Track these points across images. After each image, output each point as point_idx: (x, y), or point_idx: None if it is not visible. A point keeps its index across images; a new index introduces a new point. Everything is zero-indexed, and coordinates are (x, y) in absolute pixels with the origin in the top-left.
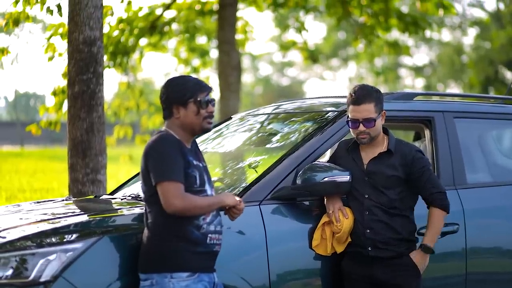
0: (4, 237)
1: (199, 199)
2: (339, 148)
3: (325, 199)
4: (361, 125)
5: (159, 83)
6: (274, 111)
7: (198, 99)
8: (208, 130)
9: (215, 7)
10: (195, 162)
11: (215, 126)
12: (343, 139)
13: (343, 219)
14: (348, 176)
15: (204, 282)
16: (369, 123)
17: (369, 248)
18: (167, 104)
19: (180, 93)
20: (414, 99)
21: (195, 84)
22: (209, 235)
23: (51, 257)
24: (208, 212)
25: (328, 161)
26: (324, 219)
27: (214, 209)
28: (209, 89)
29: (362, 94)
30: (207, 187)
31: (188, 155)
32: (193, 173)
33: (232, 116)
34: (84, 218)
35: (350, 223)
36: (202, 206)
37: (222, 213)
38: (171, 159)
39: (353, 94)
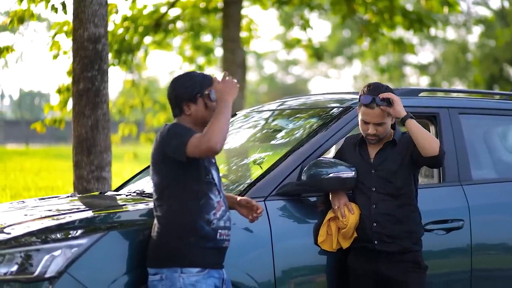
0: (9, 233)
1: (213, 124)
2: (345, 144)
3: (331, 195)
4: (371, 127)
5: (164, 81)
6: (278, 108)
7: (207, 92)
8: None
9: (220, 5)
10: (213, 160)
11: None
12: (349, 135)
13: (348, 214)
14: (354, 172)
15: (214, 279)
16: (380, 126)
17: (375, 242)
18: (177, 102)
19: (188, 89)
20: (419, 95)
21: (202, 79)
22: (219, 230)
23: (56, 253)
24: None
25: (333, 157)
26: (330, 215)
27: (228, 113)
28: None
29: (375, 97)
30: (216, 180)
31: None
32: (206, 165)
33: (237, 113)
34: (89, 214)
35: (356, 218)
36: (222, 122)
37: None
38: (185, 133)
39: (367, 97)
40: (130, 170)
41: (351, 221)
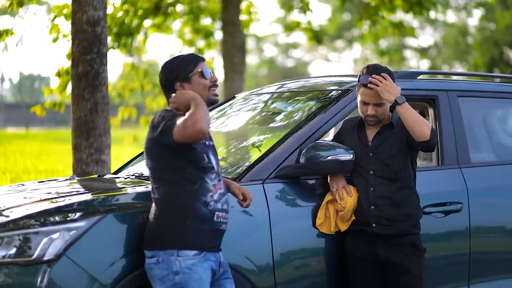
0: (8, 216)
1: (197, 109)
2: (343, 127)
3: (329, 178)
4: (370, 108)
5: None
6: (277, 90)
7: (200, 70)
8: (216, 102)
9: None
10: (203, 140)
11: (218, 106)
12: (347, 118)
13: (346, 197)
14: (352, 155)
15: (210, 262)
16: (379, 107)
17: (373, 225)
18: (170, 85)
19: (180, 69)
20: (417, 78)
21: (192, 58)
22: (216, 212)
23: (54, 236)
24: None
25: (332, 139)
26: (328, 197)
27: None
28: (203, 59)
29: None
30: (214, 164)
31: None
32: (200, 149)
33: (235, 96)
34: (88, 196)
35: (354, 201)
36: (202, 109)
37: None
38: (171, 117)
39: (366, 77)
40: (130, 153)
41: (349, 203)
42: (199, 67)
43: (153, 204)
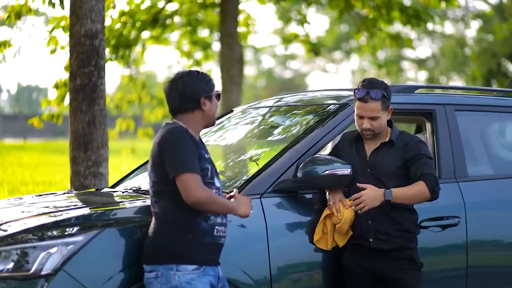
0: (6, 230)
1: (217, 196)
2: (342, 140)
3: (327, 192)
4: (366, 122)
5: (161, 76)
6: (275, 104)
7: (218, 92)
8: (214, 123)
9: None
10: (206, 156)
11: (217, 119)
12: (346, 131)
13: (343, 209)
14: (349, 169)
15: (209, 276)
16: (374, 121)
17: (371, 239)
18: (194, 96)
19: (205, 86)
20: (415, 92)
21: (210, 78)
22: (216, 226)
23: (52, 250)
24: (220, 213)
25: (330, 153)
26: (326, 212)
27: (225, 212)
28: None
29: (370, 91)
30: (215, 179)
31: (200, 147)
32: (204, 166)
33: (233, 109)
34: (85, 211)
35: (351, 213)
36: (220, 204)
37: None
38: (189, 151)
39: (361, 90)
40: (128, 165)
41: (346, 216)
42: (216, 89)
43: (153, 218)
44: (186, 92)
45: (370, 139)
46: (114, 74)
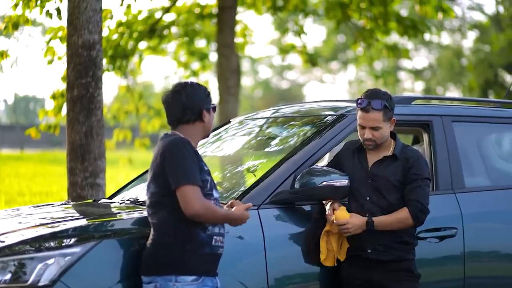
0: (3, 241)
1: (217, 207)
2: (344, 148)
3: (325, 202)
4: (367, 132)
5: (158, 87)
6: (272, 115)
7: (214, 105)
8: (209, 135)
9: (214, 10)
10: (205, 168)
11: (214, 130)
12: (349, 140)
13: (336, 212)
14: (346, 180)
15: (208, 287)
16: (376, 131)
17: (369, 251)
18: (197, 109)
19: (205, 99)
20: (412, 103)
21: (210, 91)
22: (214, 236)
23: (49, 262)
24: (220, 223)
25: (331, 161)
26: (326, 228)
27: (223, 222)
28: None
29: (371, 101)
30: (213, 191)
31: (200, 159)
32: (204, 178)
33: (230, 120)
34: (83, 222)
35: (344, 214)
36: (219, 216)
37: None
38: (190, 163)
39: (363, 100)
40: (125, 175)
41: (337, 215)
42: (213, 101)
43: (151, 229)
44: (189, 104)
45: (372, 149)
46: (111, 84)
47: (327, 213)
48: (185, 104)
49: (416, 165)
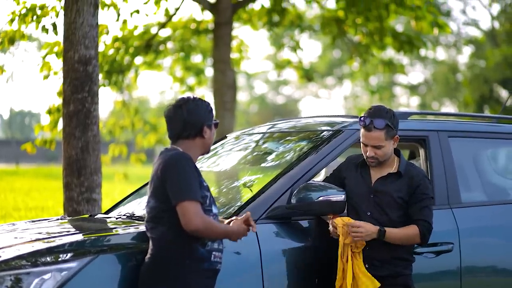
0: None
1: (216, 223)
2: (347, 162)
3: (329, 217)
4: (370, 150)
5: (154, 102)
6: (269, 130)
7: (215, 120)
8: (209, 151)
9: (210, 26)
10: (205, 184)
11: None
12: (352, 154)
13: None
14: (343, 196)
15: None
16: (378, 149)
17: (366, 266)
18: (198, 124)
19: (207, 115)
20: (409, 118)
21: (212, 107)
22: (213, 252)
23: (46, 276)
24: (219, 238)
25: (331, 174)
26: (342, 241)
27: (222, 238)
28: None
29: (374, 120)
30: (213, 206)
31: (200, 175)
32: (204, 194)
33: (227, 135)
34: (79, 237)
35: (341, 219)
36: (218, 231)
37: None
38: (191, 178)
39: (366, 119)
40: (121, 190)
41: (335, 220)
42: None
43: (150, 244)
44: (190, 119)
45: (374, 166)
46: (107, 99)
47: (330, 229)
48: (186, 119)
49: (423, 184)
